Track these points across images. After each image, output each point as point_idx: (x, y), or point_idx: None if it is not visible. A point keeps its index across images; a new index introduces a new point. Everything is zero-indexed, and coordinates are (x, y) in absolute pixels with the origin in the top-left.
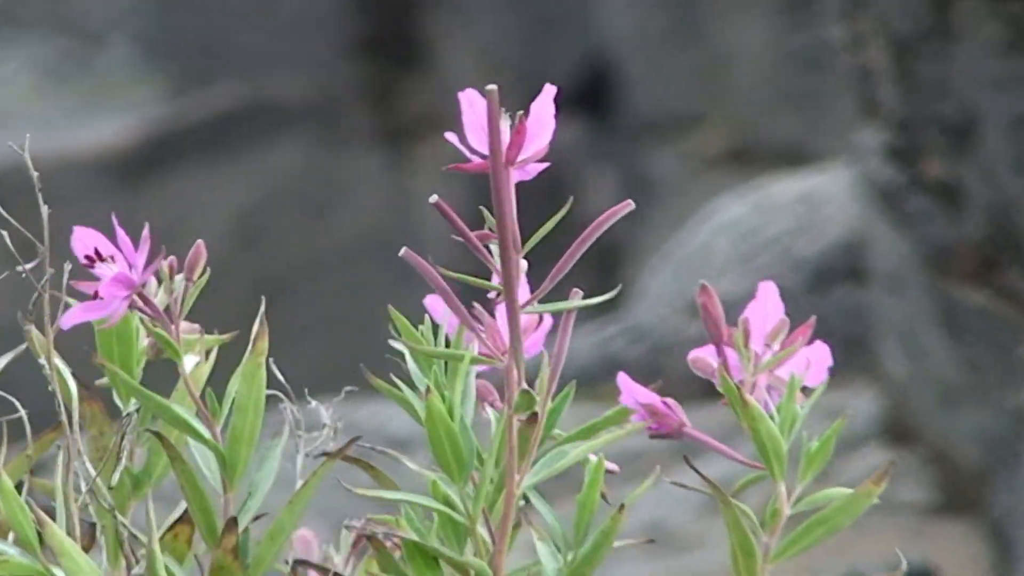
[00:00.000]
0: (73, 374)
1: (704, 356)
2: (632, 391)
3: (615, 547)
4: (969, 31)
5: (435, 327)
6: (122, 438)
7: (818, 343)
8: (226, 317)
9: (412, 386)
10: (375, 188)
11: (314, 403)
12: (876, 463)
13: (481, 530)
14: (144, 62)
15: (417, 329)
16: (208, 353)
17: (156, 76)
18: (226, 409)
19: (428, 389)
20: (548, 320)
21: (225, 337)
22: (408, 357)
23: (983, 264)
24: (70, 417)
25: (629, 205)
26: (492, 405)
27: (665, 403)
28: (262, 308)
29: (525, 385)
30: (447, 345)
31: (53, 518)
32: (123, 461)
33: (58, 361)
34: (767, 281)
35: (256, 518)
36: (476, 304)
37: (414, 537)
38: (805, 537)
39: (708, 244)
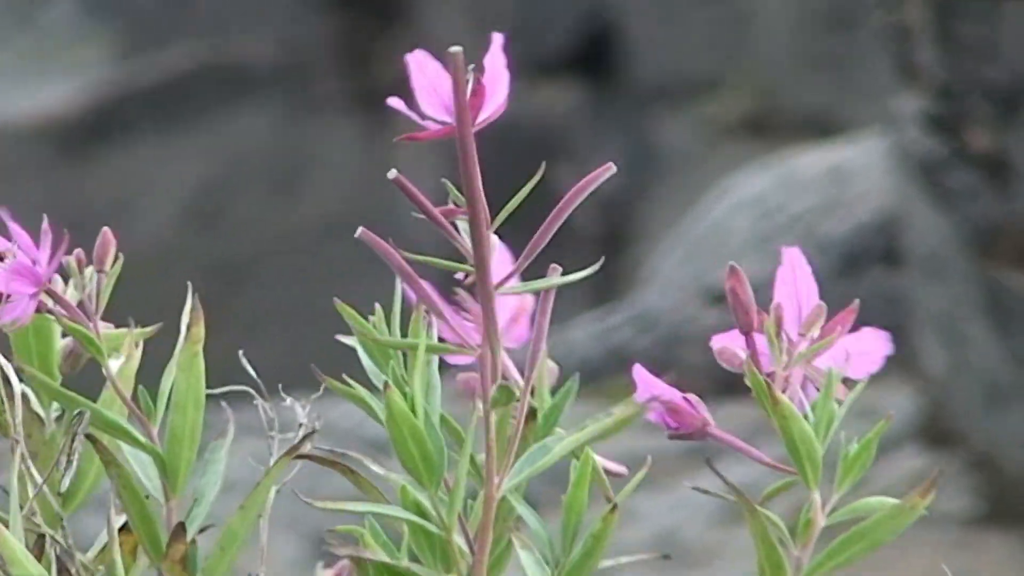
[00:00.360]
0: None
1: (731, 345)
2: (649, 385)
3: (625, 562)
4: None
5: (388, 315)
6: (72, 439)
7: (867, 330)
8: (181, 305)
9: (373, 385)
10: (350, 160)
11: (289, 400)
12: (913, 468)
13: (459, 539)
14: (90, 19)
15: (368, 319)
16: (137, 347)
17: (103, 35)
18: (162, 407)
19: (386, 385)
20: (528, 301)
21: (149, 330)
22: (361, 352)
23: None
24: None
25: (610, 169)
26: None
27: (687, 399)
28: (189, 296)
29: (517, 377)
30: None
31: None
32: (74, 465)
33: None
34: (792, 248)
35: (203, 529)
36: (460, 291)
37: (382, 557)
38: (842, 552)
39: (725, 223)
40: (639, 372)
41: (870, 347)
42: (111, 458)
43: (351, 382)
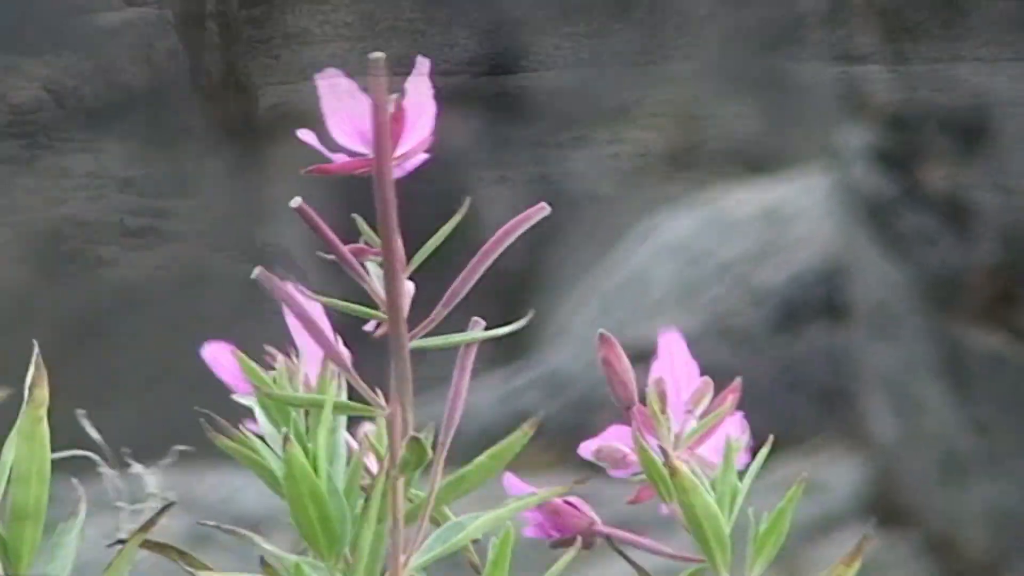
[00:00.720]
0: None
1: (613, 444)
2: (518, 490)
3: None
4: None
5: (291, 371)
6: None
7: (737, 414)
8: (25, 365)
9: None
10: (217, 197)
11: (138, 467)
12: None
13: None
14: None
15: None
16: None
17: None
18: (3, 481)
19: (286, 438)
20: None
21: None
22: (258, 411)
23: (997, 298)
24: None
25: (544, 209)
26: None
27: (568, 501)
28: (35, 352)
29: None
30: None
31: None
32: None
33: None
34: (669, 331)
35: None
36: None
37: None
38: None
39: (645, 271)
40: (509, 480)
41: (735, 432)
42: None
43: (246, 434)
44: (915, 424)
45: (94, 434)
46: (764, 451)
